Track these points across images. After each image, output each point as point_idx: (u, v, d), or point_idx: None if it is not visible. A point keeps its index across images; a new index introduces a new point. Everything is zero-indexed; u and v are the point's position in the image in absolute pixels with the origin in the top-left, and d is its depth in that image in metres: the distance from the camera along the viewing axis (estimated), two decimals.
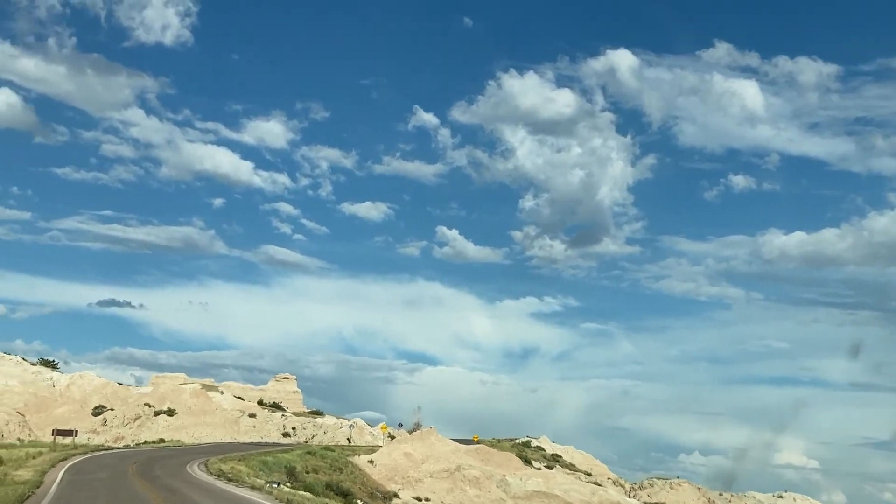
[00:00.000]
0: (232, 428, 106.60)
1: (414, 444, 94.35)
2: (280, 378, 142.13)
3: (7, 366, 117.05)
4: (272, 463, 71.47)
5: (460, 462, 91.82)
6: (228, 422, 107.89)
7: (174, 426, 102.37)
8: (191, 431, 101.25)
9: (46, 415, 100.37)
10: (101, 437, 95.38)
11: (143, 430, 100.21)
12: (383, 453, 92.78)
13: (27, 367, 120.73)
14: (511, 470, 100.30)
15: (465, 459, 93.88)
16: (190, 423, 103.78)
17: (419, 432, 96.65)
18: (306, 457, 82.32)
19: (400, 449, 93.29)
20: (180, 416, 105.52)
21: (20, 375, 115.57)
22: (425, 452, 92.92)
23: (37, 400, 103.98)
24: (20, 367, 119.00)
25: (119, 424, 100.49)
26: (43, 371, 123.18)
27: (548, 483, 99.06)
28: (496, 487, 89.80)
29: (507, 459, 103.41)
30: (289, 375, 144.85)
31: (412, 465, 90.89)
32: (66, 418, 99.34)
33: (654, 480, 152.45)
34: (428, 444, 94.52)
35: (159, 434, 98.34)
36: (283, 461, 73.99)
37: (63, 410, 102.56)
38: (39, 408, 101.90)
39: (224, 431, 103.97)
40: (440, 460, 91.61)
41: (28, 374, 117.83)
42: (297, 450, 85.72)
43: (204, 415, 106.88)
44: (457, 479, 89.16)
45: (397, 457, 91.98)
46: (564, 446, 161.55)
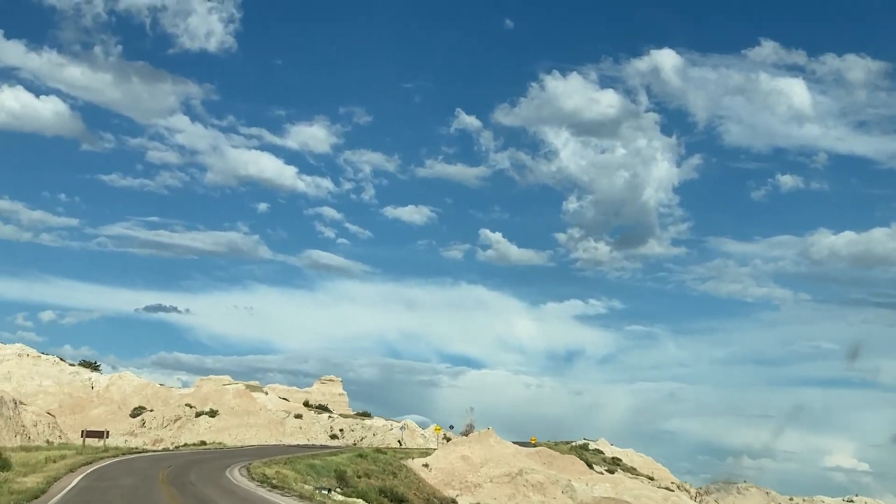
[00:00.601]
0: (277, 429, 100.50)
1: (471, 446, 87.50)
2: (325, 380, 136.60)
3: (43, 366, 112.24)
4: (320, 467, 65.27)
5: (522, 466, 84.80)
6: (273, 423, 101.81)
7: (216, 428, 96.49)
8: (234, 433, 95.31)
9: (82, 416, 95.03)
10: (138, 439, 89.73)
11: (184, 432, 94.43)
12: (439, 456, 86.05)
13: (64, 368, 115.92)
14: (575, 474, 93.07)
15: (527, 463, 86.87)
16: (233, 424, 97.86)
17: (477, 434, 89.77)
18: (357, 460, 75.99)
19: (456, 452, 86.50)
20: (223, 417, 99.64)
21: (56, 376, 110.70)
22: (484, 455, 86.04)
23: (72, 401, 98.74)
24: (57, 368, 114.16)
25: (158, 426, 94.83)
26: (81, 372, 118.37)
27: (616, 488, 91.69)
28: (562, 493, 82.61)
29: (570, 463, 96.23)
30: (334, 377, 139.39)
31: (470, 468, 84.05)
32: (102, 420, 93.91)
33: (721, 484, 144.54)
34: (486, 447, 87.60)
35: (200, 436, 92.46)
36: (333, 465, 67.83)
37: (99, 412, 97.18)
38: (74, 409, 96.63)
39: (269, 433, 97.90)
40: (500, 464, 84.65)
41: (65, 374, 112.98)
42: (347, 452, 79.35)
43: (247, 416, 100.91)
44: (519, 484, 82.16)
45: (454, 460, 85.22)
46: (624, 449, 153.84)
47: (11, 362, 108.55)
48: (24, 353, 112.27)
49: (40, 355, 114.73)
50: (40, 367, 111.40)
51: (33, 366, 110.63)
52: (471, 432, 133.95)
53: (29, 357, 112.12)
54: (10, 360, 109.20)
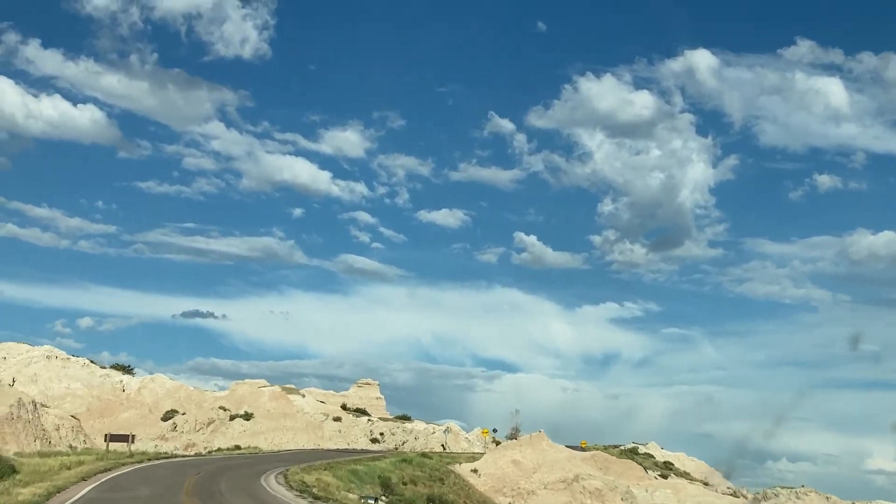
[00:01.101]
0: (315, 433, 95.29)
1: (522, 450, 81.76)
2: (362, 384, 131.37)
3: (72, 368, 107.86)
4: (363, 473, 59.95)
5: (578, 471, 78.91)
6: (311, 426, 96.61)
7: (251, 431, 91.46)
8: (269, 437, 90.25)
9: (111, 420, 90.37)
10: (169, 443, 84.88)
11: (217, 436, 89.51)
12: (488, 461, 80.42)
13: (95, 371, 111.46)
14: (633, 480, 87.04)
15: (582, 468, 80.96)
16: (269, 427, 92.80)
17: (528, 437, 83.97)
18: (402, 465, 70.51)
19: (507, 456, 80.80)
20: (258, 420, 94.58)
21: (85, 379, 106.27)
22: (536, 460, 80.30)
23: (100, 404, 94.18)
24: (87, 371, 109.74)
25: (190, 430, 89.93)
26: (112, 374, 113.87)
27: (678, 495, 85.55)
28: (621, 501, 76.62)
29: (627, 468, 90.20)
30: (371, 381, 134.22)
31: (522, 474, 78.33)
32: (131, 424, 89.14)
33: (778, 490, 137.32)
34: (539, 451, 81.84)
35: (234, 440, 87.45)
36: (376, 471, 62.45)
37: (129, 415, 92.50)
38: (103, 412, 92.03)
39: (306, 437, 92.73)
40: (554, 469, 78.84)
41: (95, 377, 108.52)
42: (390, 457, 73.90)
43: (284, 419, 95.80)
44: (575, 490, 76.27)
45: (504, 465, 79.54)
46: (675, 452, 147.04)
47: (39, 364, 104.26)
48: (52, 354, 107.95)
49: (69, 357, 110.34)
50: (69, 369, 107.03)
51: (62, 368, 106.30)
52: (517, 436, 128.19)
53: (58, 359, 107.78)
54: (38, 363, 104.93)
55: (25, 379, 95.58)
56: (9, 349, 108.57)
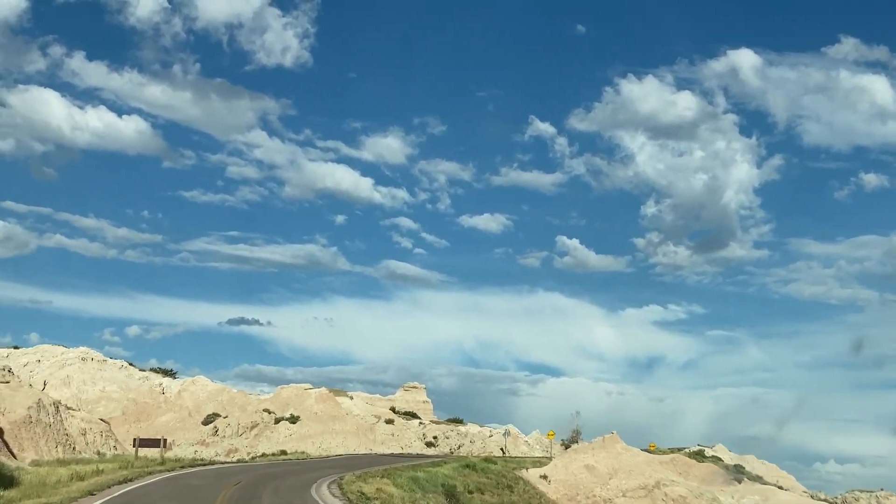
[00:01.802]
0: (366, 437, 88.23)
1: (595, 454, 73.99)
2: (408, 387, 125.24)
3: (109, 371, 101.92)
4: (424, 480, 52.67)
5: (658, 476, 70.97)
6: (362, 429, 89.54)
7: (298, 435, 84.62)
8: (318, 441, 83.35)
9: (147, 424, 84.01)
10: (209, 449, 78.32)
11: (261, 441, 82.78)
12: (558, 466, 72.78)
13: (133, 373, 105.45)
14: (716, 486, 78.75)
15: (662, 473, 72.97)
16: (316, 431, 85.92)
17: (601, 440, 76.15)
18: (465, 471, 63.24)
19: (578, 460, 73.09)
20: (305, 423, 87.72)
21: (123, 381, 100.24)
22: (611, 465, 72.47)
23: (137, 407, 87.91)
24: (124, 373, 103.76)
25: (232, 434, 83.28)
26: (151, 377, 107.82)
27: (768, 502, 77.11)
28: None
29: (709, 473, 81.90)
30: (417, 384, 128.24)
31: (597, 480, 70.57)
32: (169, 428, 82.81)
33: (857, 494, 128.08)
34: (613, 454, 74.02)
35: (280, 445, 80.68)
36: (438, 478, 55.26)
37: (167, 419, 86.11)
38: (140, 416, 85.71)
39: (357, 441, 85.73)
40: (633, 474, 70.94)
41: (133, 380, 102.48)
42: (451, 462, 66.62)
43: (333, 421, 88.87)
44: (657, 498, 68.40)
45: (576, 470, 71.84)
46: (743, 455, 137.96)
47: (73, 367, 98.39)
48: (87, 356, 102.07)
49: (106, 359, 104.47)
50: (105, 371, 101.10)
51: (98, 370, 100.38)
52: (577, 439, 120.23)
53: (93, 361, 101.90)
54: (73, 365, 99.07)
55: (57, 381, 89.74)
56: (44, 352, 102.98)
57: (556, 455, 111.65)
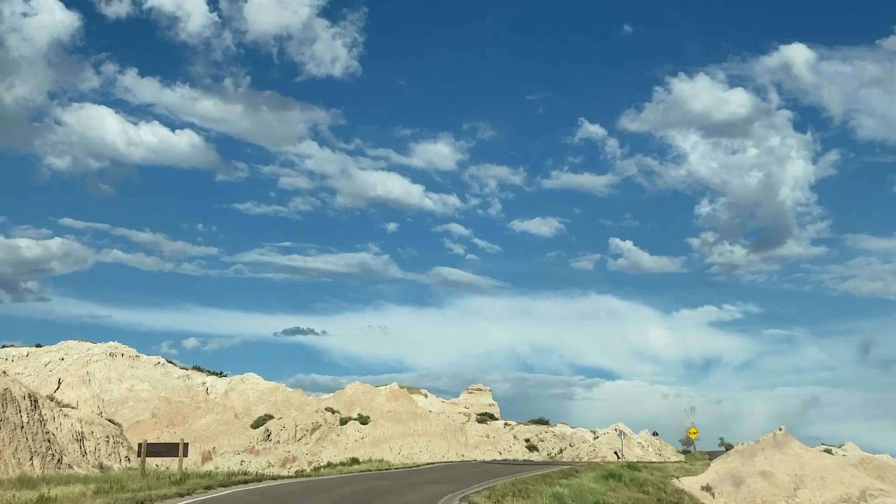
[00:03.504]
0: (456, 439, 70.55)
1: (768, 456, 55.38)
2: (473, 389, 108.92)
3: (142, 368, 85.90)
4: (569, 497, 34.96)
5: (862, 485, 52.09)
6: (450, 431, 71.90)
7: (371, 438, 67.32)
8: (396, 445, 66.04)
9: (184, 428, 67.39)
10: (261, 457, 61.36)
11: (325, 446, 65.64)
12: (720, 474, 54.35)
13: (171, 371, 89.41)
14: None
15: (863, 480, 54.10)
16: (393, 433, 68.53)
17: (770, 438, 57.40)
18: (610, 483, 45.21)
19: (747, 466, 54.54)
20: (378, 423, 70.47)
21: (158, 379, 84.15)
22: (792, 470, 53.85)
23: (171, 408, 71.36)
24: (160, 370, 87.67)
25: (289, 439, 66.22)
26: (194, 375, 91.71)
27: None
28: None
29: None
30: (482, 386, 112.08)
31: (779, 491, 52.01)
32: (211, 432, 66.13)
33: None
34: (791, 457, 55.32)
35: (349, 451, 63.46)
36: (584, 493, 37.65)
37: (208, 422, 69.34)
38: (174, 419, 69.05)
39: (445, 445, 68.13)
40: (827, 483, 52.09)
41: (171, 378, 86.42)
42: (587, 471, 48.78)
43: (413, 421, 71.42)
44: None
45: (745, 476, 53.31)
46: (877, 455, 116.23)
47: (98, 364, 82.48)
48: (116, 352, 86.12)
49: (139, 355, 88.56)
50: (137, 369, 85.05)
51: (128, 367, 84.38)
52: (693, 439, 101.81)
53: (123, 357, 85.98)
54: (98, 362, 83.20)
55: (75, 380, 73.72)
56: (69, 348, 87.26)
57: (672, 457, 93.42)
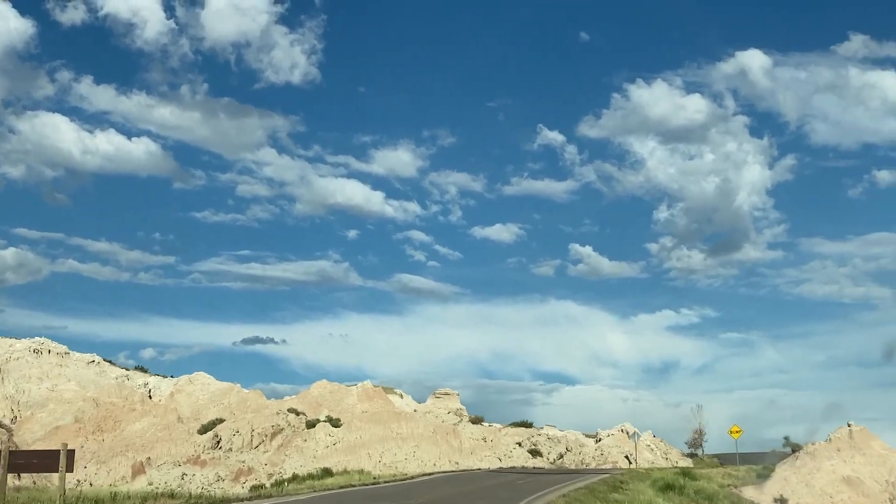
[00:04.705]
0: (448, 443, 58.57)
1: (847, 458, 44.45)
2: (440, 394, 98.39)
3: (73, 367, 73.48)
4: None
5: None
6: (441, 433, 59.87)
7: (345, 444, 55.21)
8: (376, 452, 54.07)
9: (114, 434, 54.99)
10: (208, 470, 49.09)
11: (289, 455, 53.44)
12: (790, 481, 43.39)
13: (107, 370, 76.99)
14: None
15: None
16: (372, 437, 56.45)
17: (845, 435, 46.36)
18: (670, 496, 34.07)
19: (824, 471, 43.57)
20: (352, 426, 58.45)
21: (90, 379, 71.81)
22: (881, 475, 43.07)
23: (99, 411, 58.84)
24: (94, 369, 75.24)
25: (243, 446, 53.91)
26: (135, 376, 79.41)
27: None
28: None
29: None
30: (450, 391, 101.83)
31: (870, 501, 41.18)
32: (147, 439, 53.76)
33: None
34: (874, 458, 44.51)
35: (319, 459, 51.40)
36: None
37: (143, 427, 56.88)
38: (102, 424, 56.53)
39: (436, 450, 56.23)
40: None
41: (107, 378, 74.07)
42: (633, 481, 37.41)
43: (395, 422, 59.38)
44: None
45: (826, 485, 42.44)
46: None
47: (20, 361, 69.91)
48: (42, 348, 73.51)
49: (69, 352, 76.04)
50: (67, 367, 72.60)
51: (56, 366, 71.90)
52: (701, 441, 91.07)
53: (50, 354, 73.37)
54: (19, 359, 70.65)
55: None
56: None
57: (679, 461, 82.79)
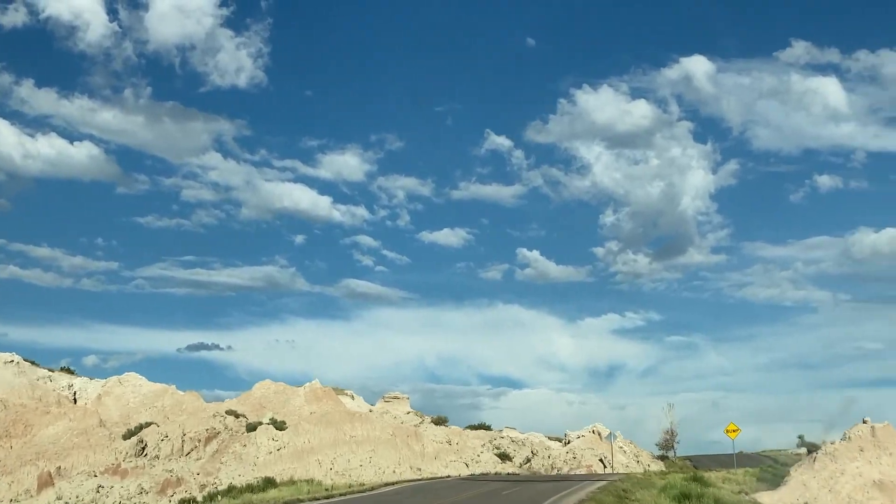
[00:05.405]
0: (409, 448, 51.93)
1: (871, 458, 38.77)
2: (389, 398, 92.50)
3: None
4: None
5: None
6: (401, 436, 53.18)
7: (291, 450, 48.35)
8: (327, 458, 47.33)
9: (24, 440, 47.67)
10: (130, 480, 42.04)
11: (226, 462, 46.50)
12: (810, 487, 37.33)
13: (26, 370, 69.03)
14: None
15: None
16: (322, 441, 49.68)
17: (867, 433, 40.59)
18: None
19: (848, 474, 37.76)
20: (299, 429, 51.59)
21: (7, 381, 63.74)
22: None
23: (6, 414, 51.26)
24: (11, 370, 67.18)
25: (173, 453, 46.88)
26: (59, 377, 71.65)
27: None
28: None
29: None
30: (399, 395, 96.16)
31: None
32: (60, 446, 46.45)
33: None
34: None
35: (261, 467, 44.55)
36: None
37: (57, 431, 49.52)
38: (11, 428, 49.07)
39: (395, 455, 49.64)
40: None
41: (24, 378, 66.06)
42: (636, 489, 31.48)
43: (348, 424, 52.61)
44: None
45: (853, 490, 36.40)
46: None
47: None
48: None
49: None
50: None
51: None
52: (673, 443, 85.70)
53: None
54: None
55: None
56: None
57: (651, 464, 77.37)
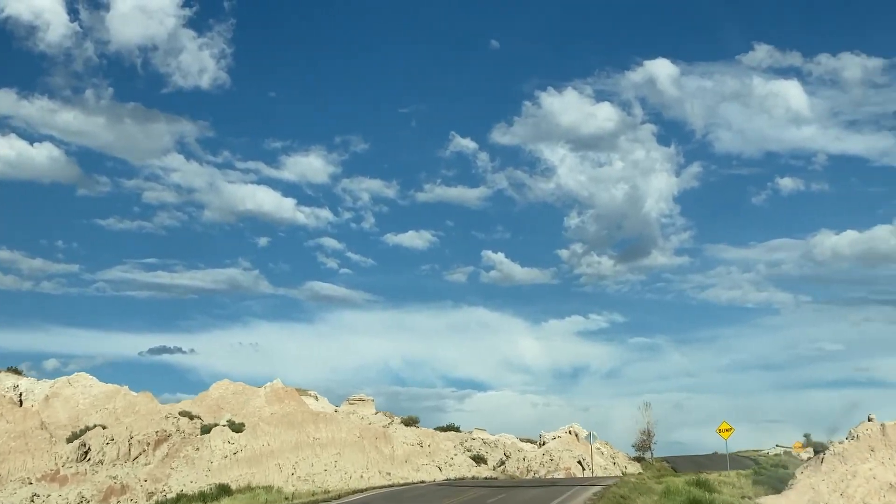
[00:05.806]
0: (378, 450, 48.29)
1: (883, 459, 35.78)
2: (354, 400, 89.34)
3: None
4: None
5: None
6: (369, 438, 49.52)
7: (249, 453, 44.55)
8: (289, 462, 43.60)
9: None
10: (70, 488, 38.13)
11: (177, 467, 42.62)
12: (820, 492, 34.48)
13: None
14: None
15: None
16: (284, 443, 45.93)
17: (877, 432, 37.72)
18: None
19: (861, 476, 34.57)
20: (258, 430, 47.78)
21: None
22: None
23: None
24: None
25: (118, 457, 42.93)
26: (4, 378, 67.24)
27: None
28: None
29: None
30: (364, 397, 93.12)
31: None
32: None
33: None
34: None
35: (214, 473, 40.73)
36: None
37: None
38: None
39: (363, 458, 46.00)
40: None
41: None
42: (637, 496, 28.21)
43: (311, 425, 48.87)
44: None
45: (866, 494, 33.46)
46: None
47: None
48: None
49: None
50: None
51: None
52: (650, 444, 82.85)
53: None
54: None
55: None
56: None
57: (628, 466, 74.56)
